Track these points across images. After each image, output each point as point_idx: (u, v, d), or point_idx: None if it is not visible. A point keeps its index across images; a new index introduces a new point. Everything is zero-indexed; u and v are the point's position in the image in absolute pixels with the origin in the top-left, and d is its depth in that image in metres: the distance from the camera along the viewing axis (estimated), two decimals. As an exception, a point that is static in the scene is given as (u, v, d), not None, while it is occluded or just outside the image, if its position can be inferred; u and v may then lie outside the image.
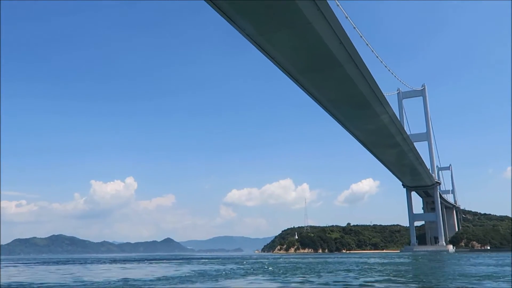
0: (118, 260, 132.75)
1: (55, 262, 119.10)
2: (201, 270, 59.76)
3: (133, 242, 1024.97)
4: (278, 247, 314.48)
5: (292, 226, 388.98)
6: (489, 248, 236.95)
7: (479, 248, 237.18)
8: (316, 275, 46.53)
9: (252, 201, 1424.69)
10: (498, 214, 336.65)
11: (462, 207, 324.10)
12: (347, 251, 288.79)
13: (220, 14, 68.00)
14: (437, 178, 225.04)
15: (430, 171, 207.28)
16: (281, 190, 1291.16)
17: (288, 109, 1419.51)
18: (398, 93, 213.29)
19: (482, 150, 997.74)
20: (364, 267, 61.94)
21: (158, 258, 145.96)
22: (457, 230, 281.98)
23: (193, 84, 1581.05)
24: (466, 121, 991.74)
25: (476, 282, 36.87)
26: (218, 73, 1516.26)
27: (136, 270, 66.75)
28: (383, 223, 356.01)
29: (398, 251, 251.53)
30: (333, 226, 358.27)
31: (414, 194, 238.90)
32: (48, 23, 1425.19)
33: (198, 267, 70.13)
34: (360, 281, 38.80)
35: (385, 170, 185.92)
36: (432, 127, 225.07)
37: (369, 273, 50.58)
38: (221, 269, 63.31)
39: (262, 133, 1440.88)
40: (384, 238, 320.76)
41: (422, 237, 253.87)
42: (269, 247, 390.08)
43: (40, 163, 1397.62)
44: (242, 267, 68.08)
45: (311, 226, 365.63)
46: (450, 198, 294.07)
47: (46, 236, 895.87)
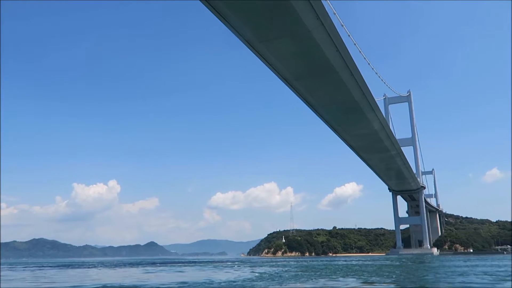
0: (119, 264, 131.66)
1: (56, 266, 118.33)
2: (254, 273, 55.96)
3: (116, 246, 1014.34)
4: (266, 251, 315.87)
5: (278, 230, 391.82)
6: (471, 251, 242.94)
7: (462, 251, 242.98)
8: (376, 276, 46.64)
9: (236, 204, 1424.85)
10: (479, 218, 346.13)
11: (444, 211, 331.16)
12: (333, 254, 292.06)
13: (221, 21, 69.66)
14: (422, 183, 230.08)
15: (416, 175, 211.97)
16: (265, 193, 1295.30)
17: (273, 112, 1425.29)
18: (384, 98, 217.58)
19: (462, 154, 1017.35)
20: (373, 269, 62.84)
21: (158, 262, 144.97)
22: (440, 233, 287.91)
23: (178, 86, 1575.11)
24: (447, 124, 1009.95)
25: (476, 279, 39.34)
26: (205, 75, 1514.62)
27: (182, 273, 61.86)
28: (367, 227, 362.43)
29: (384, 254, 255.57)
30: (318, 229, 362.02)
31: (399, 198, 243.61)
32: (33, 22, 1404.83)
33: (237, 270, 65.30)
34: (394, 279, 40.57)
35: (368, 174, 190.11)
36: (417, 132, 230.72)
37: (389, 273, 51.98)
38: (268, 272, 57.75)
39: (248, 135, 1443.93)
40: (369, 242, 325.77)
41: (406, 240, 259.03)
42: (254, 251, 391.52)
43: (20, 166, 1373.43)
44: (282, 269, 63.97)
45: (297, 230, 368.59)
46: (433, 201, 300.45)
47: (27, 240, 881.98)
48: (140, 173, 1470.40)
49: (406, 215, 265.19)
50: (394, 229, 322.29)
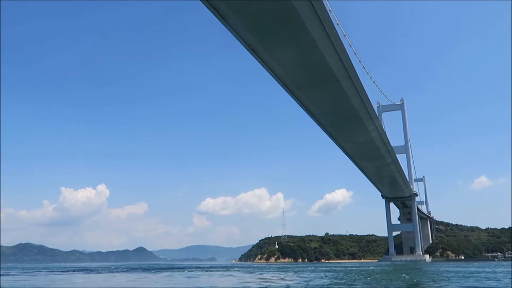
0: (122, 268, 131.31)
1: (51, 271, 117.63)
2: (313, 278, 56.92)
3: (104, 251, 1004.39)
4: (259, 257, 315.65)
5: (269, 236, 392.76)
6: (463, 258, 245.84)
7: (454, 258, 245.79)
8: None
9: (226, 210, 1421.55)
10: (468, 225, 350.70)
11: (435, 218, 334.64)
12: (326, 261, 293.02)
13: (228, 29, 70.77)
14: (414, 190, 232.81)
15: (409, 183, 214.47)
16: (255, 199, 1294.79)
17: (264, 118, 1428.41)
18: (378, 106, 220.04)
19: (451, 161, 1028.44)
20: (391, 272, 64.84)
21: (157, 268, 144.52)
22: (431, 240, 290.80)
23: (169, 90, 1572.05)
24: (435, 131, 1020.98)
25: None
26: (196, 79, 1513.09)
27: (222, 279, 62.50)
28: (357, 233, 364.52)
29: (376, 261, 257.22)
30: (310, 235, 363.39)
31: (391, 205, 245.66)
32: (24, 26, 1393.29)
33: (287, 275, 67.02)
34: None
35: (358, 181, 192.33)
36: (410, 140, 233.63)
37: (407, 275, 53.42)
38: (310, 277, 58.62)
39: (240, 141, 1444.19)
40: (361, 248, 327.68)
41: (398, 247, 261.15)
42: (246, 257, 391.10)
43: (6, 169, 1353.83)
44: (336, 275, 65.16)
45: (288, 236, 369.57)
46: (423, 209, 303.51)
47: (13, 244, 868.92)
48: (129, 177, 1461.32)
49: (398, 222, 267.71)
50: (385, 235, 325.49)
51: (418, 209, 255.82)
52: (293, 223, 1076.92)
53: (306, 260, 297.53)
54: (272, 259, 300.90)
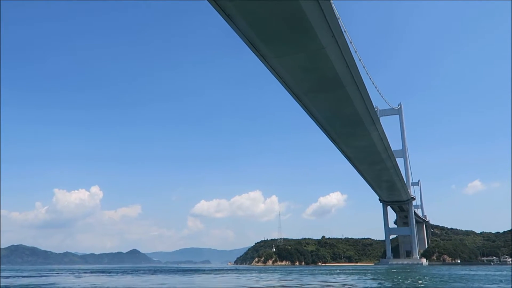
0: (127, 270, 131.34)
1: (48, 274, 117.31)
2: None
3: (97, 253, 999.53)
4: (256, 259, 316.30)
5: (265, 239, 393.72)
6: (459, 261, 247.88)
7: (450, 261, 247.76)
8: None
9: (220, 212, 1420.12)
10: (463, 229, 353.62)
11: (430, 222, 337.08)
12: (323, 264, 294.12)
13: (240, 36, 71.87)
14: (411, 194, 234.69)
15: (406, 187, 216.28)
16: (250, 202, 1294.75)
17: (259, 121, 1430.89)
18: (376, 111, 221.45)
19: (445, 166, 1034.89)
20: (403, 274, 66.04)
21: (154, 269, 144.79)
22: (426, 244, 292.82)
23: (163, 93, 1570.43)
24: (430, 136, 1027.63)
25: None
26: (192, 82, 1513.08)
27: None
28: (351, 236, 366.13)
29: (373, 264, 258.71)
30: (306, 238, 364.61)
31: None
32: (19, 28, 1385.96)
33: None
34: None
35: (353, 184, 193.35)
36: (407, 144, 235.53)
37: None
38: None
39: (235, 144, 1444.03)
40: (357, 251, 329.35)
41: (395, 250, 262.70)
42: (242, 259, 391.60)
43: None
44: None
45: (284, 239, 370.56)
46: (419, 212, 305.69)
47: (5, 246, 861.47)
48: (123, 180, 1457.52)
49: (394, 226, 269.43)
50: (380, 239, 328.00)
51: (414, 213, 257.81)
52: (287, 226, 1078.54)
53: (303, 263, 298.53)
54: (269, 262, 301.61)
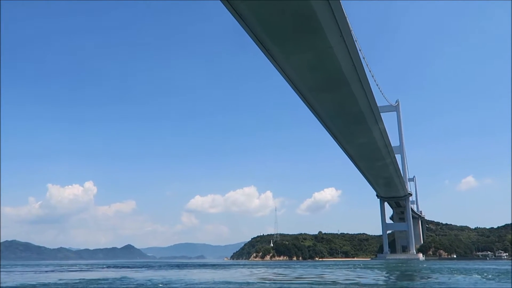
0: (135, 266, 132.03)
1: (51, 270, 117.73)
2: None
3: (91, 248, 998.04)
4: (254, 255, 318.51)
5: (261, 234, 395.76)
6: (455, 256, 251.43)
7: (446, 256, 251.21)
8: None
9: (215, 208, 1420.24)
10: (458, 225, 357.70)
11: (425, 217, 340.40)
12: (320, 259, 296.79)
13: (250, 37, 72.90)
14: (409, 190, 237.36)
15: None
16: (244, 197, 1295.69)
17: (255, 117, 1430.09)
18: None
19: (438, 162, 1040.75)
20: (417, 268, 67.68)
21: (178, 264, 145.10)
22: (422, 239, 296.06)
23: (158, 90, 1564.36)
24: (424, 132, 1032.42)
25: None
26: (187, 78, 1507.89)
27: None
28: (346, 231, 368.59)
29: (369, 259, 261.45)
30: (303, 234, 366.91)
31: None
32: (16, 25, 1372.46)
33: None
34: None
35: (347, 180, 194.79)
36: (404, 141, 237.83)
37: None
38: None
39: (230, 139, 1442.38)
40: (353, 247, 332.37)
41: (391, 245, 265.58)
42: (238, 254, 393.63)
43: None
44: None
45: (281, 234, 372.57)
46: (414, 208, 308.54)
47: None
48: (118, 175, 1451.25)
49: (390, 221, 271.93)
50: (375, 234, 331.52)
51: (411, 208, 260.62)
52: (281, 222, 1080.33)
53: (300, 258, 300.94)
54: (267, 257, 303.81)
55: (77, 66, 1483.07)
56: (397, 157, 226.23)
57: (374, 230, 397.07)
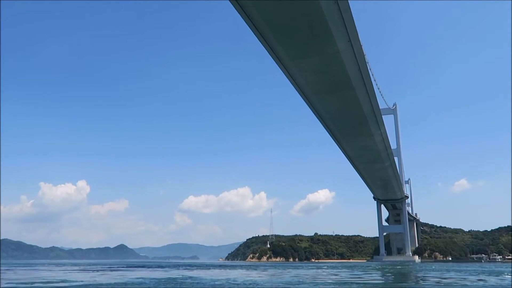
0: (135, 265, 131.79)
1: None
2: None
3: (84, 248, 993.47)
4: (251, 256, 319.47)
5: (256, 235, 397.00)
6: (450, 259, 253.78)
7: (442, 259, 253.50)
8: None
9: (208, 208, 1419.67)
10: (452, 227, 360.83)
11: (420, 220, 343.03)
12: (316, 260, 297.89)
13: (259, 40, 73.71)
14: (405, 192, 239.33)
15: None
16: (238, 198, 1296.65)
17: (250, 117, 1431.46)
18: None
19: (431, 164, 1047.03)
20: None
21: (172, 266, 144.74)
22: (417, 241, 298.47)
23: (153, 88, 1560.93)
24: (417, 134, 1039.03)
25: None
26: (181, 77, 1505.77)
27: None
28: (340, 233, 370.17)
29: (365, 261, 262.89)
30: (298, 235, 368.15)
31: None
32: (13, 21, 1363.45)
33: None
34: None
35: (341, 182, 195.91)
36: (401, 143, 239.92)
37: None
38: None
39: (224, 139, 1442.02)
40: (349, 248, 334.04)
41: (386, 247, 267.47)
42: (233, 255, 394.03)
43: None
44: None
45: (276, 235, 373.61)
46: (409, 210, 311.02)
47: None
48: (111, 174, 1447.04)
49: (385, 223, 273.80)
50: (370, 236, 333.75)
51: (407, 211, 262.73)
52: (275, 223, 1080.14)
53: (297, 259, 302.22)
54: (264, 258, 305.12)
55: (72, 63, 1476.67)
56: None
57: (368, 231, 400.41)
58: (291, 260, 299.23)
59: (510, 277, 56.31)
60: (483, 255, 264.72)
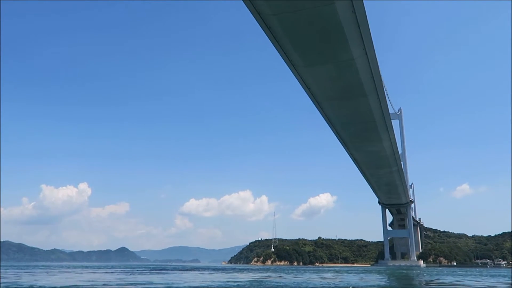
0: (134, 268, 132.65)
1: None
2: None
3: (85, 250, 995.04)
4: (255, 259, 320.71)
5: (260, 239, 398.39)
6: (455, 264, 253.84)
7: (446, 264, 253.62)
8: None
9: (209, 211, 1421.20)
10: (455, 232, 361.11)
11: (424, 225, 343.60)
12: (320, 264, 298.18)
13: (276, 49, 74.71)
14: (410, 197, 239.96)
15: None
16: (239, 201, 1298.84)
17: (251, 121, 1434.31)
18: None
19: (433, 169, 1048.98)
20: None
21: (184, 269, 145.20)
22: (420, 246, 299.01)
23: (154, 91, 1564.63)
24: (419, 139, 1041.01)
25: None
26: (181, 81, 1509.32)
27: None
28: (342, 237, 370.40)
29: (369, 265, 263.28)
30: (301, 239, 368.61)
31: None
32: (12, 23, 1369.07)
33: None
34: None
35: (343, 186, 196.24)
36: (406, 148, 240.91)
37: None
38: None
39: (226, 143, 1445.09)
40: (353, 253, 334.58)
41: (390, 252, 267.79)
42: (236, 259, 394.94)
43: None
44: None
45: (279, 239, 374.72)
46: (413, 215, 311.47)
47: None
48: (112, 177, 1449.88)
49: (389, 228, 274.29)
50: (373, 240, 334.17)
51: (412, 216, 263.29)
52: (276, 226, 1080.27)
53: (301, 263, 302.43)
54: (268, 262, 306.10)
55: (73, 65, 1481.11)
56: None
57: (371, 236, 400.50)
58: (295, 264, 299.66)
59: None
60: (488, 260, 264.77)
